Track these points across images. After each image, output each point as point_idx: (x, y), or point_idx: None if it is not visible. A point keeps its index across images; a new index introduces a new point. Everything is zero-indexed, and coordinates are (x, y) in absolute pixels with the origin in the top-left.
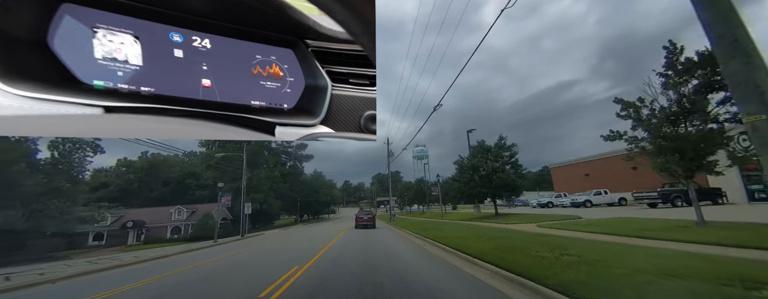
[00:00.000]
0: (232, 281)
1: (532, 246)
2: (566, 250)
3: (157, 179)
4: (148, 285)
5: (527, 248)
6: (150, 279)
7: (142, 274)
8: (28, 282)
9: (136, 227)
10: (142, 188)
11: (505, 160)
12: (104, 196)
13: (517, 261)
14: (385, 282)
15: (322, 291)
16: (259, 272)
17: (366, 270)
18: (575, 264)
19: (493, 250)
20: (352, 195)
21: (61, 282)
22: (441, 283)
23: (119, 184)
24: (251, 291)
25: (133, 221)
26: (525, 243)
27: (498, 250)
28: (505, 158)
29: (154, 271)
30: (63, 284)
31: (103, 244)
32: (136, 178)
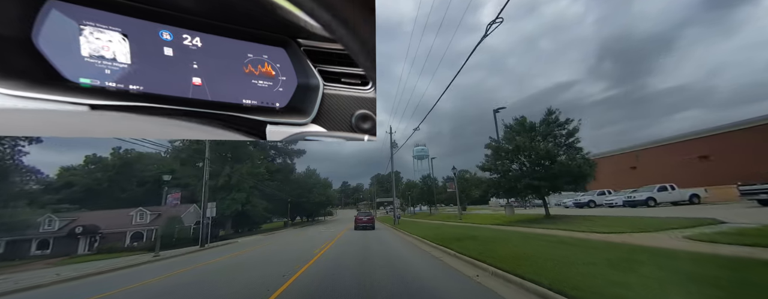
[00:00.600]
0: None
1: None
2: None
3: (131, 178)
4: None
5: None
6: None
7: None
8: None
9: (86, 233)
10: (112, 188)
11: (560, 140)
12: (67, 197)
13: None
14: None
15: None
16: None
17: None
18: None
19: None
20: (350, 197)
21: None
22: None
23: (86, 184)
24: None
25: (83, 227)
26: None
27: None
28: (561, 138)
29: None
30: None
31: (48, 253)
32: (105, 177)
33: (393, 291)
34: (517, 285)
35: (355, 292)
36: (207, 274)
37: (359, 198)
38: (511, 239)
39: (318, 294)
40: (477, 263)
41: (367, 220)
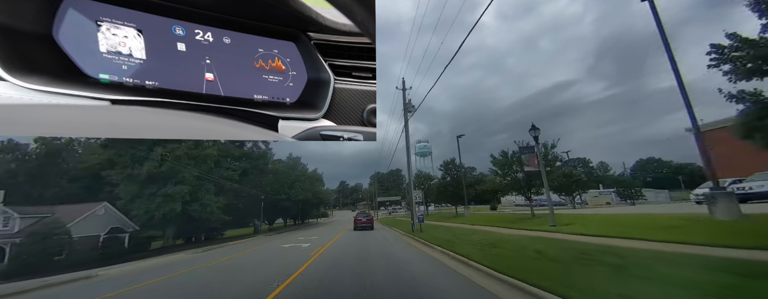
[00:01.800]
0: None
1: None
2: None
3: (61, 171)
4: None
5: None
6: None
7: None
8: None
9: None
10: (33, 182)
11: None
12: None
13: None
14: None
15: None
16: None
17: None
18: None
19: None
20: (348, 197)
21: None
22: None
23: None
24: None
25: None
26: None
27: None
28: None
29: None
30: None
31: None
32: (22, 168)
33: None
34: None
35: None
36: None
37: (358, 198)
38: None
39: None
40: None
41: (366, 220)
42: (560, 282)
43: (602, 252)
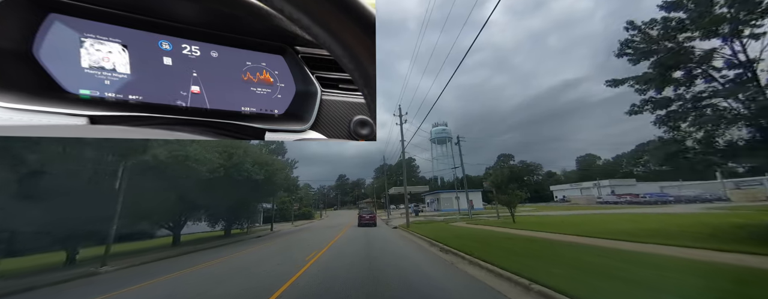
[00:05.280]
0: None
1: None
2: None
3: None
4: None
5: None
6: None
7: None
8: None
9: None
10: None
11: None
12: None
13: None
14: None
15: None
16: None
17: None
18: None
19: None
20: (348, 194)
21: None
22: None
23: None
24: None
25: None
26: None
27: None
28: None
29: None
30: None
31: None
32: None
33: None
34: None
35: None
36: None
37: (361, 195)
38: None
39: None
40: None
41: (369, 218)
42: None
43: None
